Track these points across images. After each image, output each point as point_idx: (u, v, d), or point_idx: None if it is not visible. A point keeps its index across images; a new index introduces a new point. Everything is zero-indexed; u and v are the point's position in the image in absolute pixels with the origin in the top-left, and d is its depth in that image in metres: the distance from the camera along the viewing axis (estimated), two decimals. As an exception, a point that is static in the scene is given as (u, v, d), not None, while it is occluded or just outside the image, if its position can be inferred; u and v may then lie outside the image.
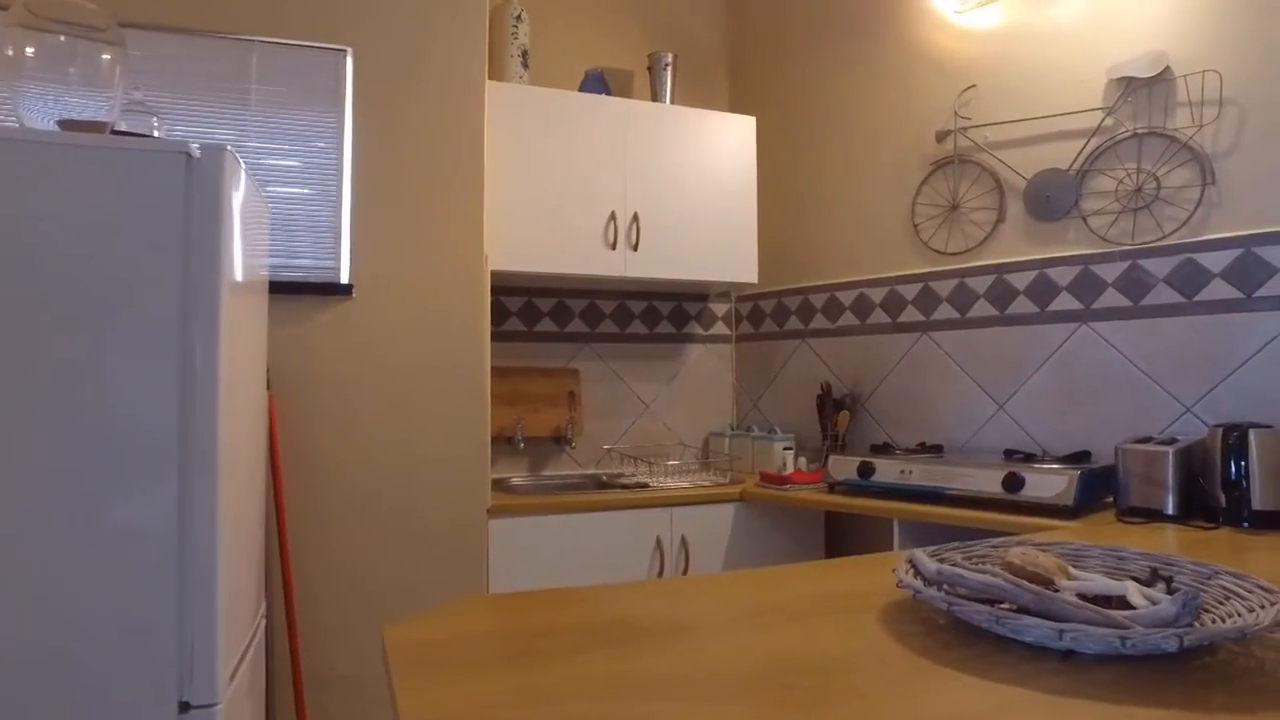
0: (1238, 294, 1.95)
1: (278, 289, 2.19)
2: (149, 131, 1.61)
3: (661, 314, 3.31)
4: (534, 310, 3.10)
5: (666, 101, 3.09)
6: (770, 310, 3.30)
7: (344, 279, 2.29)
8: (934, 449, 2.50)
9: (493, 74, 2.82)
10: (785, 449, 2.97)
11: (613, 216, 2.83)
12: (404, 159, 2.36)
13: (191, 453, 1.38)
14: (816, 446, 2.97)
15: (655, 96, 3.11)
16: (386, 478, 2.30)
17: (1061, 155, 2.32)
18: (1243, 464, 1.73)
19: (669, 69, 3.10)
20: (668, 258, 2.90)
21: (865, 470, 2.32)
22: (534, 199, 2.72)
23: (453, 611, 1.05)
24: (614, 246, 2.82)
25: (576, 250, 2.77)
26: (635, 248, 2.85)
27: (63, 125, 1.42)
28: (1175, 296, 2.07)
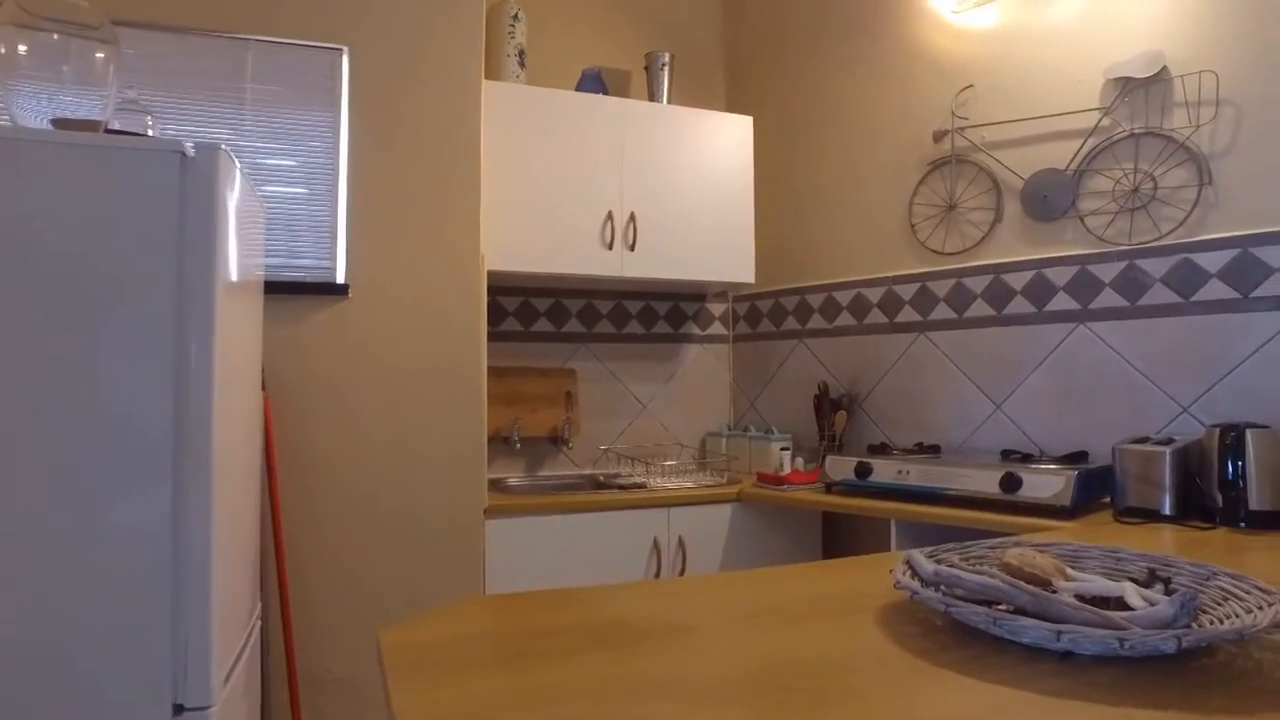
0: (1234, 294, 1.95)
1: (273, 289, 2.19)
2: (143, 130, 1.61)
3: (658, 314, 3.31)
4: (531, 310, 3.10)
5: (663, 101, 3.08)
6: (767, 310, 3.30)
7: (340, 279, 2.29)
8: (931, 449, 2.50)
9: (489, 73, 2.81)
10: (782, 449, 2.97)
11: (609, 216, 2.82)
12: (400, 158, 2.35)
13: (186, 453, 1.37)
14: (814, 447, 2.97)
15: (652, 96, 3.10)
16: (383, 478, 2.30)
17: (1059, 155, 2.32)
18: (1240, 464, 1.73)
19: (666, 69, 3.09)
20: (665, 258, 2.90)
21: (862, 470, 2.31)
22: (531, 199, 2.72)
23: (449, 613, 1.05)
24: (611, 246, 2.82)
25: (573, 250, 2.77)
26: (632, 248, 2.85)
27: (56, 124, 1.41)
28: (1172, 296, 2.07)
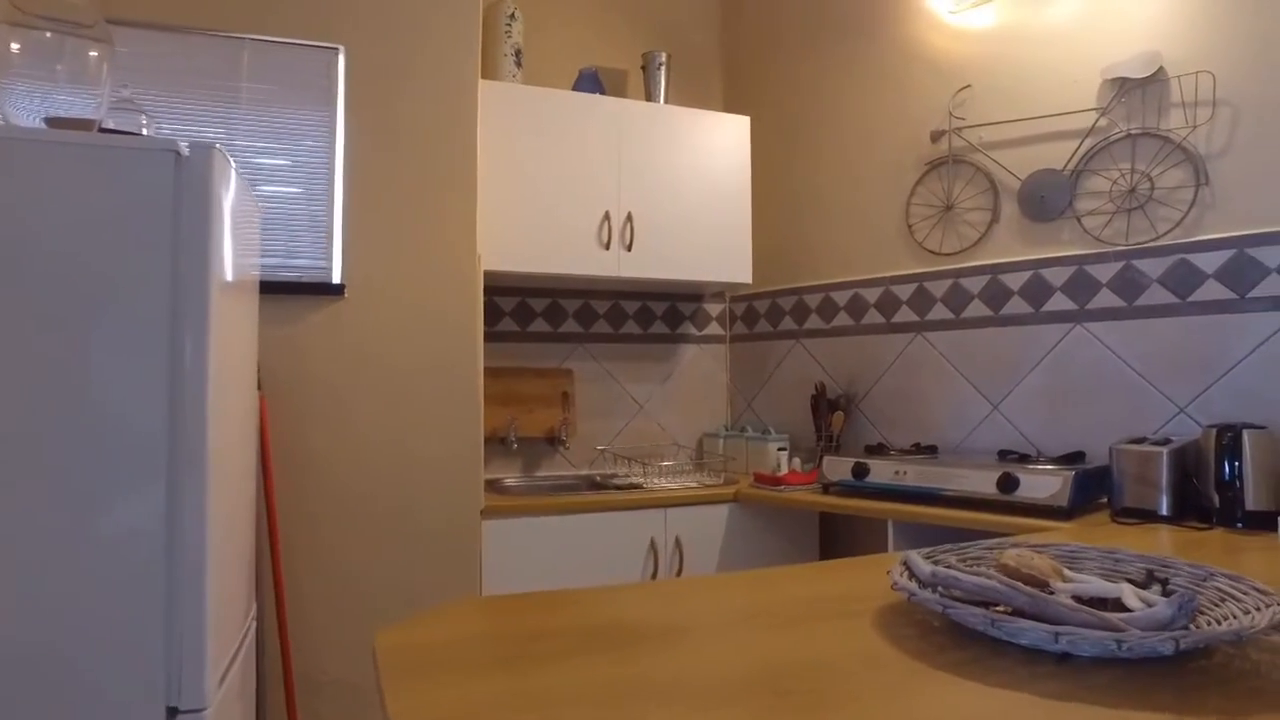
0: (1231, 295, 1.95)
1: (269, 289, 2.18)
2: (138, 129, 1.60)
3: (655, 314, 3.30)
4: (527, 310, 3.09)
5: (661, 101, 3.08)
6: (764, 310, 3.29)
7: (336, 279, 2.28)
8: (928, 450, 2.50)
9: (486, 73, 2.81)
10: (780, 450, 2.97)
11: (607, 216, 2.82)
12: (397, 158, 2.35)
13: (180, 453, 1.36)
14: (811, 447, 2.97)
15: (649, 96, 3.10)
16: (379, 479, 2.29)
17: (1056, 155, 2.32)
18: (1236, 464, 1.73)
19: (663, 68, 3.09)
20: (662, 258, 2.89)
21: (860, 471, 2.31)
22: (527, 199, 2.71)
23: (445, 614, 1.04)
24: (608, 246, 2.81)
25: (570, 250, 2.76)
26: (629, 248, 2.84)
27: (50, 123, 1.41)
28: (1169, 297, 2.07)
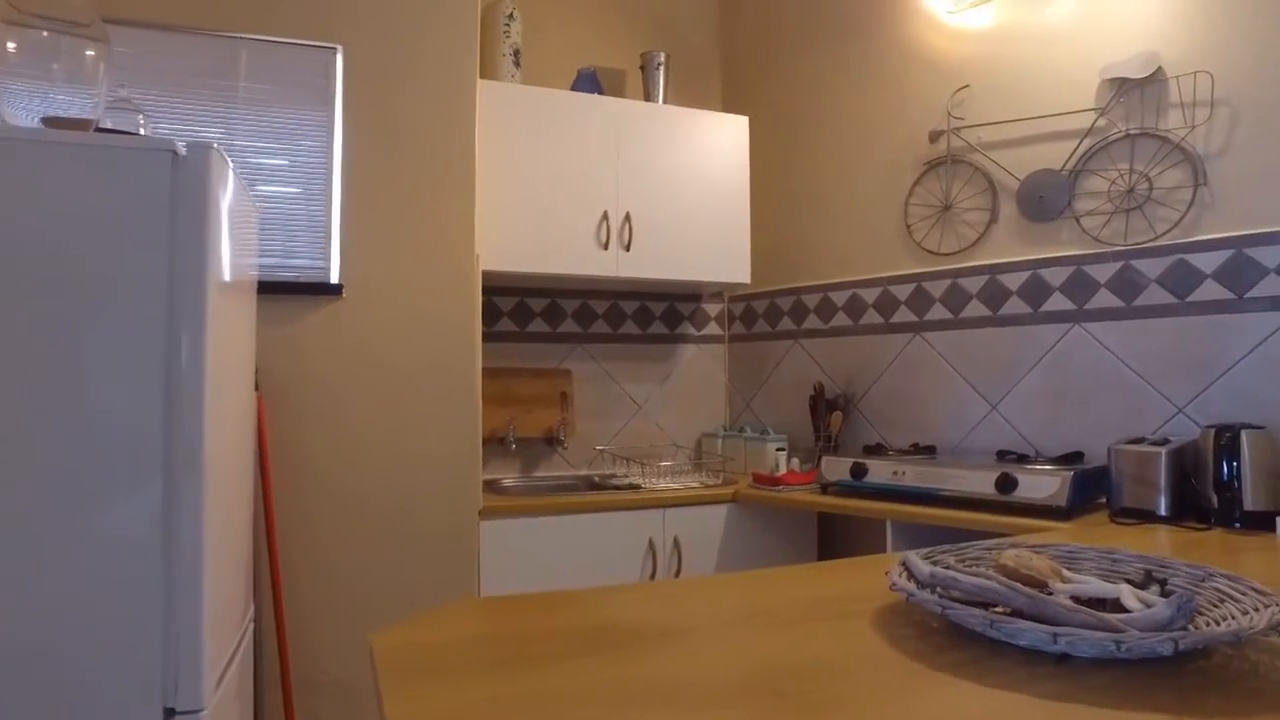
0: (1229, 295, 1.95)
1: (267, 289, 2.18)
2: (135, 129, 1.59)
3: (654, 314, 3.30)
4: (526, 310, 3.09)
5: (659, 101, 3.08)
6: (763, 311, 3.29)
7: (334, 279, 2.28)
8: (927, 450, 2.49)
9: (484, 73, 2.80)
10: (778, 450, 2.96)
11: (605, 216, 2.81)
12: (395, 158, 2.34)
13: (177, 454, 1.36)
14: (809, 447, 2.97)
15: (648, 96, 3.10)
16: (377, 479, 2.29)
17: (1054, 156, 2.32)
18: (1234, 465, 1.73)
19: (662, 68, 3.09)
20: (660, 258, 2.89)
21: (858, 471, 2.31)
22: (526, 199, 2.71)
23: (442, 615, 1.04)
24: (606, 246, 2.81)
25: (569, 250, 2.76)
26: (628, 248, 2.84)
27: (46, 122, 1.40)
28: (1167, 297, 2.07)
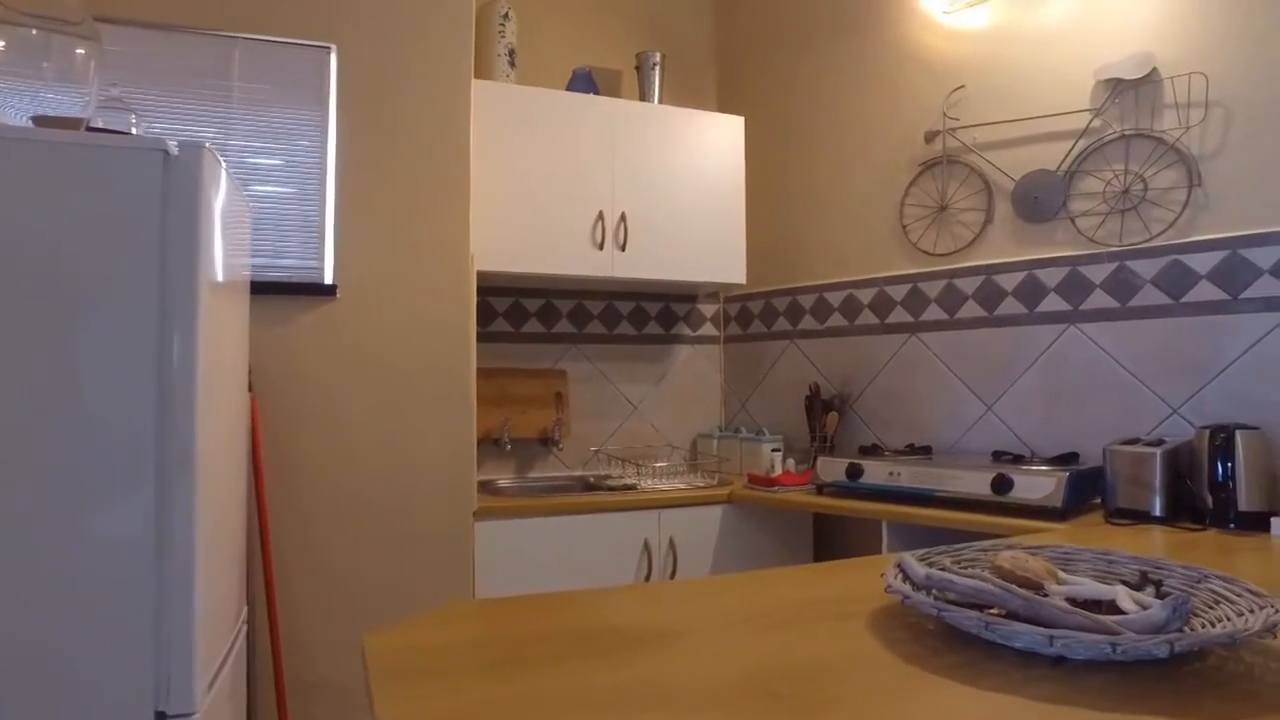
0: (1224, 295, 1.96)
1: (260, 289, 2.17)
2: (127, 129, 1.58)
3: (649, 315, 3.30)
4: (521, 311, 3.08)
5: (654, 101, 3.07)
6: (758, 311, 3.29)
7: (328, 279, 2.27)
8: (923, 450, 2.49)
9: (479, 73, 2.80)
10: (773, 450, 2.96)
11: (600, 216, 2.81)
12: (389, 158, 2.34)
13: (169, 455, 1.35)
14: (805, 448, 2.96)
15: (643, 96, 3.09)
16: (371, 480, 2.28)
17: (1049, 156, 2.32)
18: (1229, 465, 1.73)
19: (657, 68, 3.08)
20: (656, 258, 2.89)
21: (854, 472, 2.31)
22: (521, 199, 2.70)
23: (435, 618, 1.03)
24: (601, 247, 2.80)
25: (564, 250, 2.75)
26: (623, 248, 2.83)
27: (37, 121, 1.39)
28: (1162, 298, 2.07)
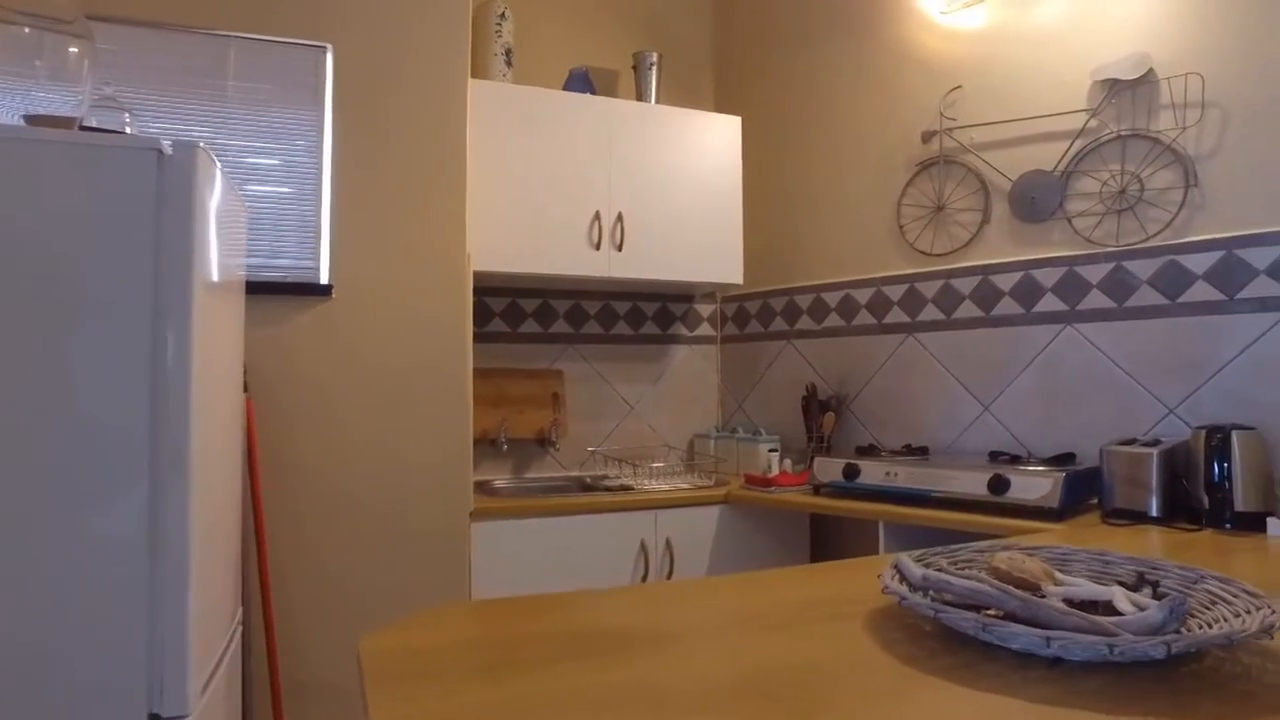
0: (1220, 296, 1.96)
1: (256, 289, 2.16)
2: (120, 128, 1.58)
3: (646, 315, 3.29)
4: (518, 311, 3.08)
5: (651, 101, 3.07)
6: (755, 311, 3.29)
7: (324, 279, 2.26)
8: (919, 451, 2.49)
9: (476, 72, 2.79)
10: (770, 451, 2.96)
11: (597, 216, 2.80)
12: (385, 157, 2.33)
13: (163, 455, 1.34)
14: (802, 448, 2.96)
15: (640, 96, 3.09)
16: (367, 480, 2.27)
17: (1046, 156, 2.32)
18: (1225, 466, 1.73)
19: (654, 68, 3.08)
20: (652, 258, 2.88)
21: (850, 472, 2.31)
22: (517, 198, 2.70)
23: (431, 619, 1.03)
24: (598, 247, 2.80)
25: (560, 250, 2.75)
26: (620, 248, 2.83)
27: (29, 120, 1.38)
28: (1159, 298, 2.07)
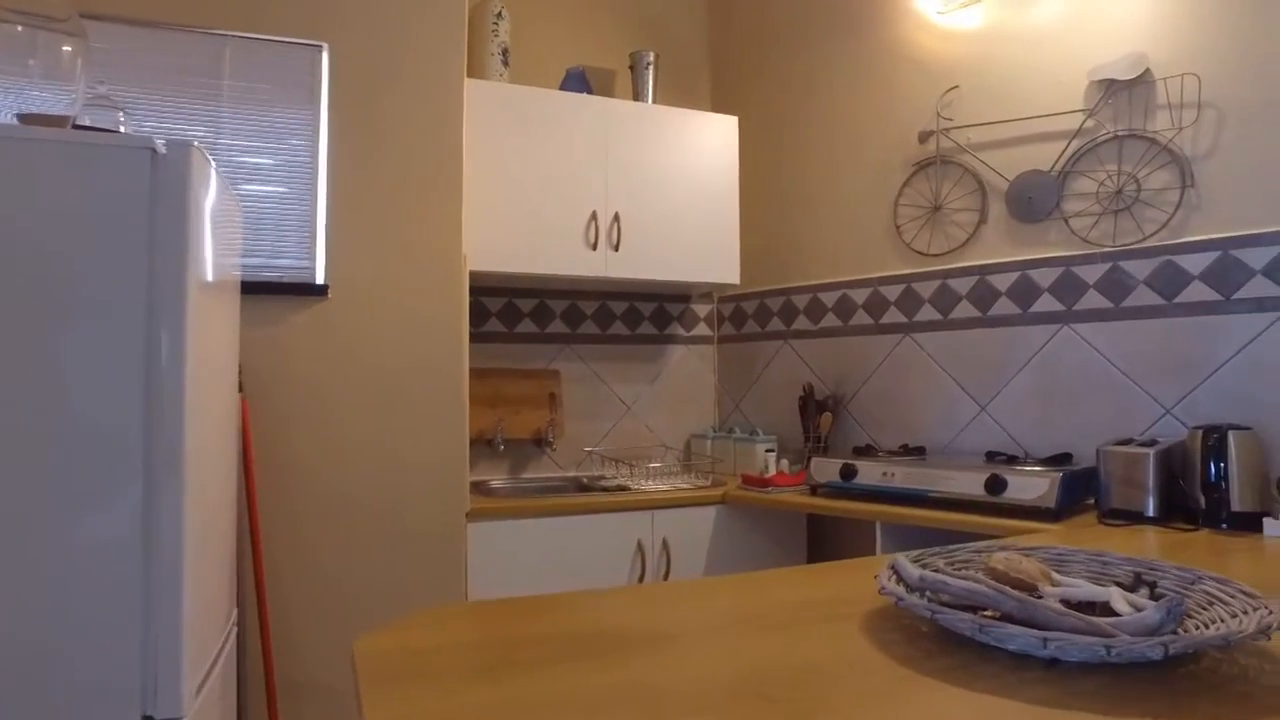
0: (1217, 296, 1.96)
1: (251, 289, 2.15)
2: (115, 127, 1.57)
3: (643, 315, 3.29)
4: (514, 311, 3.07)
5: (648, 101, 3.07)
6: (752, 311, 3.28)
7: (319, 279, 2.25)
8: (916, 451, 2.49)
9: (472, 72, 2.79)
10: (767, 451, 2.96)
11: (594, 216, 2.80)
12: (381, 157, 2.32)
13: (157, 455, 1.34)
14: (799, 448, 2.96)
15: (637, 96, 3.08)
16: (363, 481, 2.26)
17: (1043, 156, 2.32)
18: (1222, 466, 1.73)
19: (651, 68, 3.08)
20: (649, 258, 2.88)
21: (847, 472, 2.30)
22: (514, 198, 2.69)
23: (426, 620, 1.03)
24: (595, 247, 2.80)
25: (557, 250, 2.74)
26: (616, 248, 2.83)
27: (22, 119, 1.38)
28: (1155, 298, 2.07)
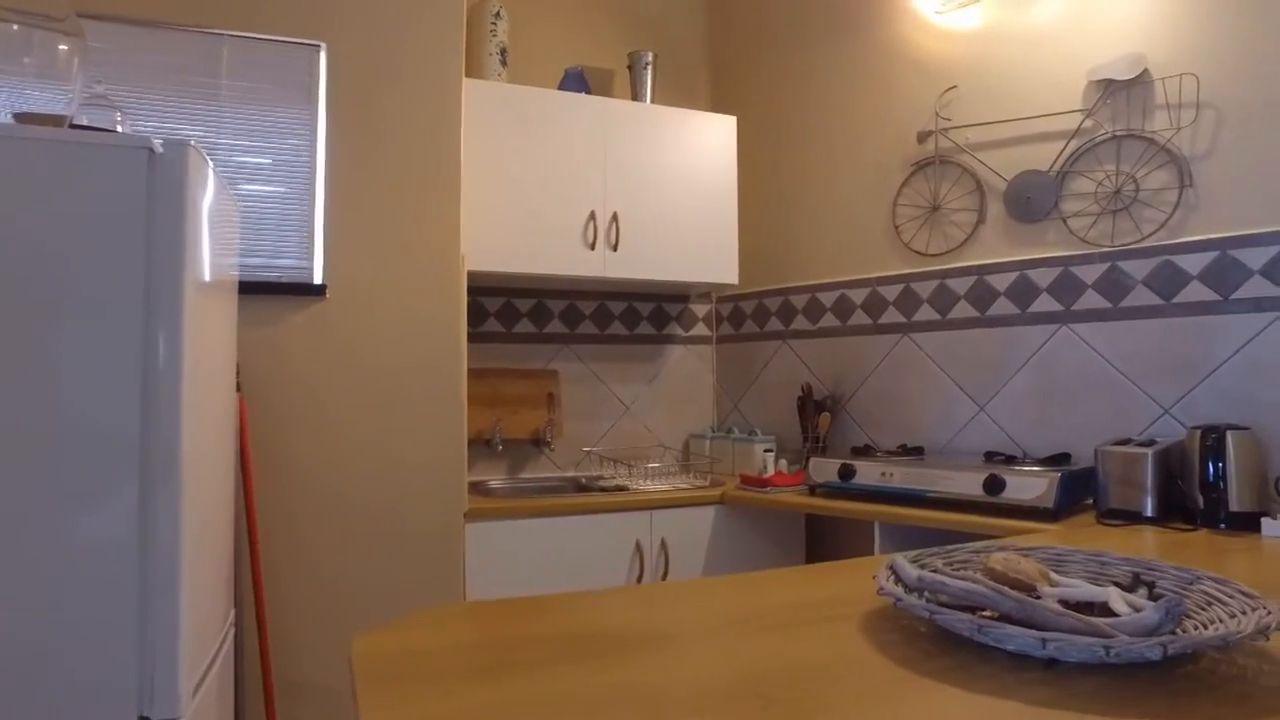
0: (1215, 296, 1.96)
1: (249, 289, 2.15)
2: (111, 126, 1.57)
3: (641, 315, 3.29)
4: (512, 311, 3.07)
5: (647, 100, 3.06)
6: (751, 311, 3.28)
7: (317, 279, 2.25)
8: (915, 451, 2.49)
9: (470, 71, 2.78)
10: (766, 451, 2.96)
11: (592, 216, 2.80)
12: (379, 157, 2.32)
13: (154, 455, 1.34)
14: (797, 448, 2.96)
15: (635, 95, 3.08)
16: (361, 481, 2.26)
17: (1041, 157, 2.32)
18: (1220, 465, 1.73)
19: (649, 68, 3.07)
20: (648, 258, 2.88)
21: (846, 473, 2.30)
22: (512, 198, 2.69)
23: (424, 621, 1.02)
24: (593, 247, 2.79)
25: (555, 250, 2.74)
26: (615, 248, 2.82)
27: (19, 118, 1.37)
28: (1154, 298, 2.07)
